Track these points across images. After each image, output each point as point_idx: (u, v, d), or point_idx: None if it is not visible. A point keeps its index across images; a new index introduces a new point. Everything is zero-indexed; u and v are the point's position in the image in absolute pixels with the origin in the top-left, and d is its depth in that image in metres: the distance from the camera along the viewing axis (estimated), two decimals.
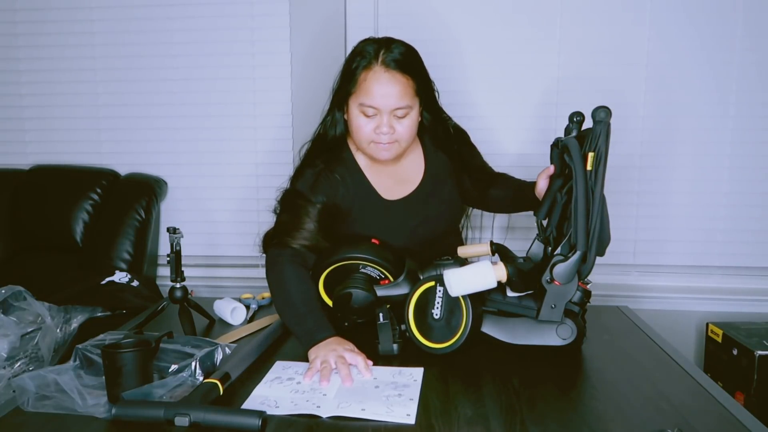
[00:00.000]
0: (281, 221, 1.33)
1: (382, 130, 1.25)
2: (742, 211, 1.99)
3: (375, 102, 1.24)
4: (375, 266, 1.25)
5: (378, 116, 1.26)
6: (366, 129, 1.27)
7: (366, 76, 1.24)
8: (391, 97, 1.24)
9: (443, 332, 1.13)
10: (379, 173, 1.37)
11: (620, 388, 1.00)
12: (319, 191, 1.32)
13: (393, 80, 1.24)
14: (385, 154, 1.30)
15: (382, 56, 1.24)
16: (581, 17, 1.95)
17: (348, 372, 1.02)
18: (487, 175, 1.48)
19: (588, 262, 1.09)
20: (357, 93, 1.26)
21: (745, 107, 1.94)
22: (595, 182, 1.07)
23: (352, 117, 1.29)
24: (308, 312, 1.17)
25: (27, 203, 2.05)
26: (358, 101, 1.26)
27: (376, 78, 1.23)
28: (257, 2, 2.04)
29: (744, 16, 1.90)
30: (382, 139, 1.26)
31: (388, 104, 1.24)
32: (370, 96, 1.24)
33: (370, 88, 1.24)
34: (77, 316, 1.69)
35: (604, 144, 1.07)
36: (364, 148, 1.31)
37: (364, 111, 1.26)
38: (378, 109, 1.25)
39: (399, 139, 1.28)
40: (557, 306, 1.12)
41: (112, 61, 2.11)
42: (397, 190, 1.38)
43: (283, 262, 1.23)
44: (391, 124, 1.25)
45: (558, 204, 1.17)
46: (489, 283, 1.10)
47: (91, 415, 0.88)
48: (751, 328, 1.82)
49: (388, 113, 1.25)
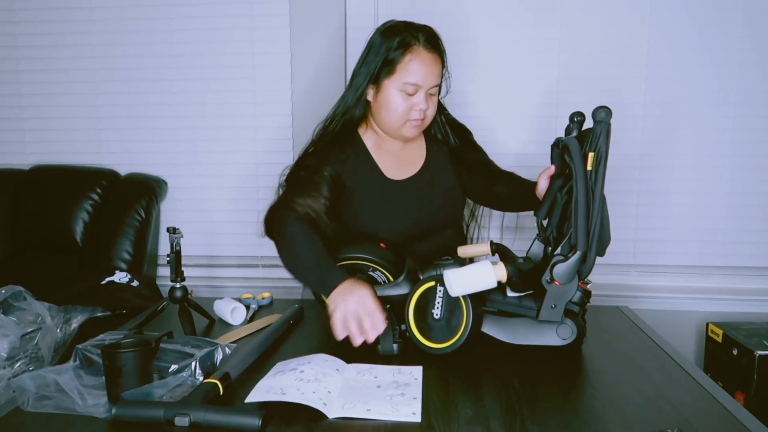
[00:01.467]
0: (288, 191, 1.36)
1: (420, 107, 1.34)
2: (742, 211, 1.99)
3: (419, 80, 1.32)
4: (377, 267, 1.25)
5: (415, 95, 1.34)
6: (403, 107, 1.34)
7: (410, 57, 1.32)
8: (431, 75, 1.33)
9: (443, 332, 1.13)
10: (384, 154, 1.43)
11: (620, 388, 1.00)
12: (328, 163, 1.37)
13: (433, 59, 1.34)
14: (414, 132, 1.39)
15: (421, 37, 1.33)
16: (581, 17, 1.95)
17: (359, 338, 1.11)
18: (492, 172, 1.50)
19: (588, 263, 1.09)
20: (398, 73, 1.32)
21: (746, 107, 1.94)
22: (596, 182, 1.07)
23: (389, 97, 1.35)
24: (319, 261, 1.21)
25: (27, 203, 2.05)
26: (401, 81, 1.32)
27: (420, 58, 1.32)
28: (257, 2, 2.04)
29: (744, 16, 1.90)
30: (417, 116, 1.35)
31: (429, 82, 1.33)
32: (414, 74, 1.32)
33: (413, 68, 1.32)
34: (77, 316, 1.69)
35: (605, 144, 1.07)
36: (396, 127, 1.38)
37: (405, 89, 1.33)
38: (419, 87, 1.33)
39: (427, 116, 1.38)
40: (557, 306, 1.12)
41: (111, 61, 2.11)
42: (400, 172, 1.44)
43: (290, 222, 1.26)
44: (425, 101, 1.34)
45: (558, 204, 1.17)
46: (489, 284, 1.10)
47: (91, 415, 0.88)
48: (751, 328, 1.82)
49: (425, 91, 1.34)
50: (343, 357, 1.08)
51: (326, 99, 2.05)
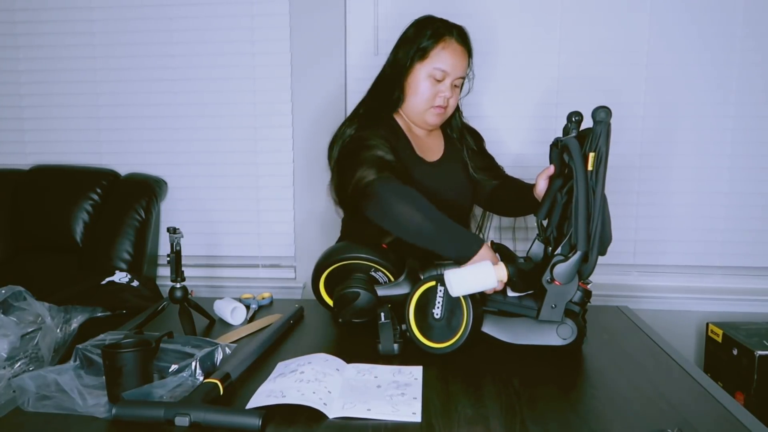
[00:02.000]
0: (368, 158, 1.33)
1: (444, 94, 1.44)
2: (742, 211, 1.99)
3: (448, 67, 1.42)
4: (378, 267, 1.26)
5: (441, 83, 1.43)
6: (429, 93, 1.44)
7: (443, 45, 1.42)
8: (459, 66, 1.44)
9: (444, 332, 1.13)
10: (414, 137, 1.51)
11: (620, 388, 1.00)
12: (382, 134, 1.41)
13: (462, 52, 1.45)
14: (436, 119, 1.48)
15: (454, 31, 1.45)
16: (581, 17, 1.95)
17: None
18: (498, 178, 1.57)
19: (590, 263, 1.09)
20: (429, 59, 1.42)
21: (746, 107, 1.94)
22: (596, 182, 1.07)
23: (418, 81, 1.44)
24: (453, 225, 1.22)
25: (27, 203, 2.05)
26: (431, 66, 1.42)
27: (452, 48, 1.43)
28: (257, 2, 2.04)
29: (744, 16, 1.91)
30: (441, 102, 1.44)
31: (456, 72, 1.44)
32: (444, 61, 1.42)
33: (444, 55, 1.42)
34: (77, 316, 1.69)
35: (605, 144, 1.07)
36: (420, 111, 1.46)
37: (434, 74, 1.42)
38: (447, 74, 1.43)
39: (449, 105, 1.48)
40: (558, 306, 1.12)
41: (111, 61, 2.11)
42: (428, 154, 1.52)
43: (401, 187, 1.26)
44: (450, 89, 1.44)
45: (558, 204, 1.17)
46: (490, 284, 1.10)
47: (91, 415, 0.88)
48: (751, 328, 1.82)
49: (451, 80, 1.44)
50: (343, 357, 1.08)
51: (326, 99, 2.06)
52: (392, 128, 1.47)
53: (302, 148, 2.09)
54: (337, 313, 1.24)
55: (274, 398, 0.90)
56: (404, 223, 1.22)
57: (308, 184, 2.10)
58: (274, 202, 2.14)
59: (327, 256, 1.30)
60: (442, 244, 1.21)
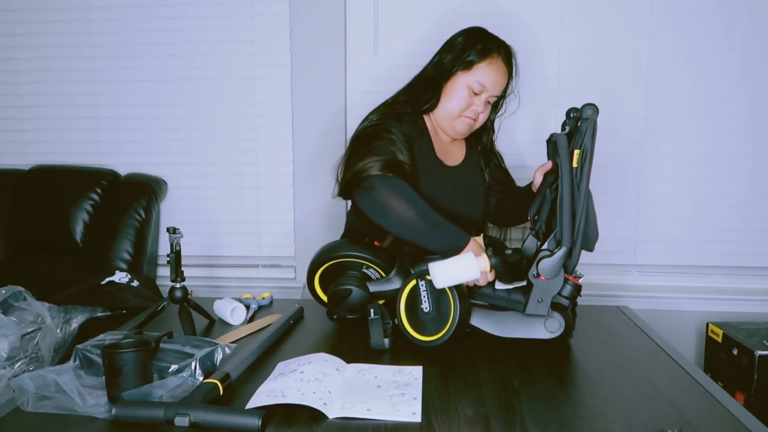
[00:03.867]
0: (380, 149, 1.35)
1: (477, 108, 1.47)
2: (742, 211, 1.99)
3: (488, 83, 1.45)
4: (371, 264, 1.27)
5: (478, 96, 1.46)
6: (464, 102, 1.46)
7: (489, 61, 1.45)
8: (498, 84, 1.47)
9: (435, 324, 1.15)
10: (437, 140, 1.53)
11: (620, 388, 1.00)
12: (403, 126, 1.44)
13: (505, 72, 1.48)
14: (464, 129, 1.50)
15: (503, 51, 1.47)
16: (581, 17, 1.95)
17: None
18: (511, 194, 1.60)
19: (573, 257, 1.11)
20: (474, 71, 1.45)
21: (746, 107, 1.94)
22: (581, 179, 1.09)
23: (456, 88, 1.46)
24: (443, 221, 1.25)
25: (27, 203, 2.05)
26: (474, 78, 1.45)
27: (497, 66, 1.46)
28: (257, 2, 2.04)
29: (744, 16, 1.90)
30: (472, 114, 1.47)
31: (494, 90, 1.47)
32: (486, 77, 1.45)
33: (489, 72, 1.45)
34: (77, 316, 1.69)
35: (591, 141, 1.09)
36: (451, 118, 1.48)
37: (473, 87, 1.45)
38: (485, 89, 1.46)
39: (479, 119, 1.50)
40: (544, 300, 1.14)
41: (111, 61, 2.11)
42: (448, 159, 1.54)
43: (400, 183, 1.29)
44: (483, 104, 1.47)
45: (547, 199, 1.18)
46: (472, 274, 1.12)
47: (91, 415, 0.88)
48: (751, 328, 1.82)
49: (487, 96, 1.47)
50: (343, 357, 1.08)
51: (326, 98, 2.06)
52: (417, 125, 1.49)
53: (302, 148, 2.09)
54: (331, 310, 1.25)
55: (274, 398, 0.90)
56: (395, 218, 1.25)
57: (308, 184, 2.10)
58: (274, 202, 2.14)
59: (321, 254, 1.32)
60: (430, 238, 1.24)
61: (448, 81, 1.47)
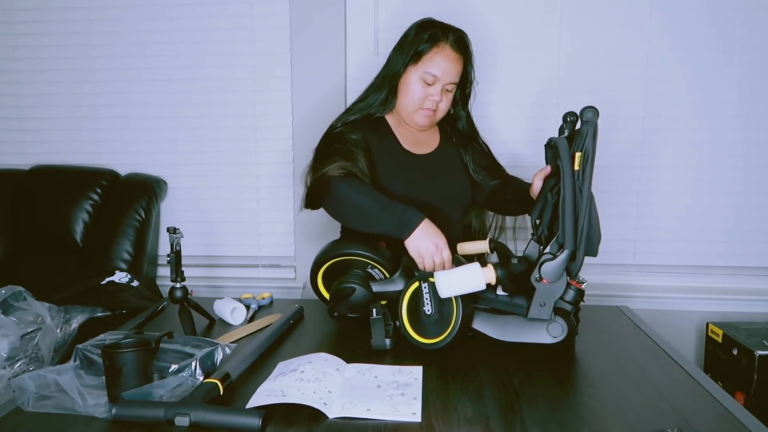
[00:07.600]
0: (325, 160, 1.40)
1: (434, 98, 1.46)
2: (742, 211, 1.99)
3: (438, 72, 1.43)
4: (375, 264, 1.27)
5: (432, 86, 1.45)
6: (419, 95, 1.46)
7: (436, 50, 1.43)
8: (451, 71, 1.45)
9: (437, 327, 1.14)
10: (403, 132, 1.54)
11: (620, 388, 1.00)
12: (357, 132, 1.47)
13: (456, 58, 1.45)
14: (425, 121, 1.50)
15: (451, 37, 1.45)
16: (581, 17, 1.95)
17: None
18: (500, 178, 1.58)
19: (577, 261, 1.11)
20: (422, 63, 1.44)
21: (746, 107, 1.94)
22: (583, 181, 1.08)
23: (409, 82, 1.46)
24: (389, 204, 1.27)
25: (27, 203, 2.05)
26: (423, 69, 1.44)
27: (445, 54, 1.44)
28: (257, 2, 2.04)
29: (744, 16, 1.91)
30: (430, 106, 1.46)
31: (447, 77, 1.45)
32: (435, 66, 1.43)
33: (437, 60, 1.43)
34: (77, 316, 1.69)
35: (592, 144, 1.09)
36: (410, 112, 1.49)
37: (424, 78, 1.44)
38: (437, 79, 1.44)
39: (439, 109, 1.49)
40: (546, 304, 1.13)
41: (112, 61, 2.11)
42: (417, 148, 1.53)
43: (339, 181, 1.32)
44: (440, 94, 1.46)
45: (549, 203, 1.18)
46: (478, 286, 1.12)
47: (91, 415, 0.88)
48: (751, 328, 1.82)
49: (442, 85, 1.45)
50: (343, 357, 1.08)
51: (326, 98, 2.06)
52: (375, 124, 1.50)
53: (302, 148, 2.09)
54: (333, 307, 1.25)
55: (275, 397, 0.90)
56: (350, 210, 1.30)
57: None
58: (274, 202, 2.14)
59: (326, 252, 1.32)
60: (379, 220, 1.26)
61: (401, 77, 1.47)
